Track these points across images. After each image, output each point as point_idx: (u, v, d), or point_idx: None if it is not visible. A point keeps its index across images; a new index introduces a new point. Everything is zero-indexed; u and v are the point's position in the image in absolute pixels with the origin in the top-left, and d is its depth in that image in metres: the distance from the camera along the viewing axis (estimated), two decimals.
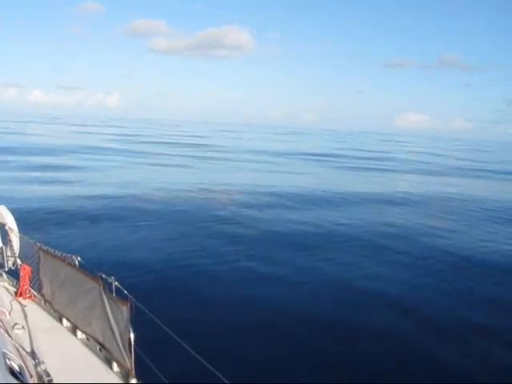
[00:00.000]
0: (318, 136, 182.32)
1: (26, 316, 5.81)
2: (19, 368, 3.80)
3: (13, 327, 5.35)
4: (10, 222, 6.57)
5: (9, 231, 6.55)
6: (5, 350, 4.47)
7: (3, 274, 6.88)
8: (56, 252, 5.88)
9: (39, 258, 6.25)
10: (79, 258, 5.43)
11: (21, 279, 6.43)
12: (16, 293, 6.46)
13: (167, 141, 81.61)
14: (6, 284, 6.74)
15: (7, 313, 5.68)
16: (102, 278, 4.88)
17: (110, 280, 4.79)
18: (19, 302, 6.20)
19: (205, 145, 75.82)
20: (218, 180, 33.26)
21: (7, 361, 3.71)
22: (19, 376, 3.67)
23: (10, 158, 38.85)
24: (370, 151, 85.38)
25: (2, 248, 6.66)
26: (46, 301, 6.22)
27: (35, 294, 6.45)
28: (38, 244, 6.26)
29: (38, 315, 5.96)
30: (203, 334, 8.74)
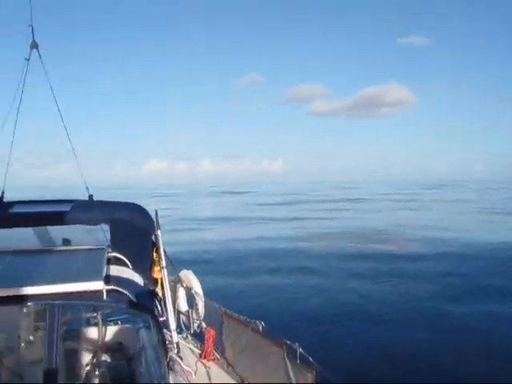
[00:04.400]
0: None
1: (209, 378, 6.03)
2: None
3: None
4: (197, 287, 6.98)
5: (195, 295, 6.96)
6: None
7: (188, 336, 7.28)
8: (240, 317, 6.08)
9: (222, 322, 6.51)
10: (263, 323, 5.53)
11: (205, 342, 6.73)
12: (200, 354, 6.76)
13: None
14: (191, 346, 7.11)
15: (193, 373, 5.94)
16: (286, 343, 4.88)
17: (294, 346, 4.76)
18: (203, 364, 6.47)
19: None
20: None
21: None
22: None
23: None
24: None
25: (188, 311, 7.08)
26: (228, 364, 6.40)
27: (218, 356, 6.69)
28: (223, 308, 6.55)
29: (220, 377, 6.15)
30: None
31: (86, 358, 5.01)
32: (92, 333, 5.48)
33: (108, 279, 3.69)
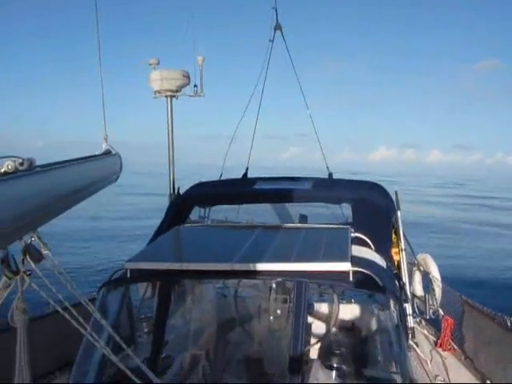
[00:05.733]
0: None
1: (446, 368, 5.72)
2: None
3: (435, 377, 5.33)
4: (434, 271, 6.66)
5: (432, 280, 6.65)
6: None
7: (423, 321, 7.03)
8: (484, 308, 5.64)
9: (463, 312, 6.12)
10: None
11: (442, 330, 6.42)
12: (436, 343, 6.48)
13: None
14: (426, 332, 6.86)
15: (429, 361, 5.72)
16: None
17: None
18: (439, 353, 6.18)
19: None
20: None
21: None
22: None
23: None
24: None
25: (424, 296, 6.82)
26: (466, 357, 6.01)
27: (455, 347, 6.33)
28: (464, 297, 6.14)
29: (457, 370, 5.80)
30: None
31: (319, 334, 5.10)
32: (326, 309, 5.57)
33: (354, 260, 3.65)
